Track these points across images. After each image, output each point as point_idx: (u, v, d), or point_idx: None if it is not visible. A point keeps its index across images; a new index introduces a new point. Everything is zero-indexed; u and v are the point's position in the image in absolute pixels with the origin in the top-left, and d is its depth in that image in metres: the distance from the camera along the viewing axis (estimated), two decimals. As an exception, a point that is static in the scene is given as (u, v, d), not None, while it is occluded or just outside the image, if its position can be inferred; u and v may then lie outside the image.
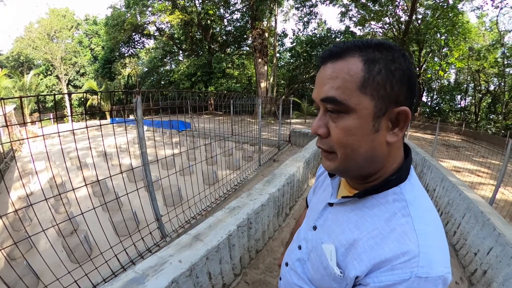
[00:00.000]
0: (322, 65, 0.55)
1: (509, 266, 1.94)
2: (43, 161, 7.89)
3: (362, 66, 0.49)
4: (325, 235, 0.67)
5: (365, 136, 0.51)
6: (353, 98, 0.50)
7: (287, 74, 27.04)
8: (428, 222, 0.53)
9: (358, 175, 0.60)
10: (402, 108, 0.51)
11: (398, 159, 0.59)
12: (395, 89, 0.50)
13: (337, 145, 0.54)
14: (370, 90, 0.49)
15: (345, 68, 0.50)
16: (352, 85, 0.50)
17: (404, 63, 0.51)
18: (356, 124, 0.51)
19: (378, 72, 0.49)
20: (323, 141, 0.57)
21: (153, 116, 6.42)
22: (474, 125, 21.71)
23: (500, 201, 4.98)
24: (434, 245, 0.50)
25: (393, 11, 20.26)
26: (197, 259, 1.71)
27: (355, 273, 0.55)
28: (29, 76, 22.57)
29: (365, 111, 0.50)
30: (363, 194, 0.60)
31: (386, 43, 0.52)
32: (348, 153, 0.53)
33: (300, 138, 9.29)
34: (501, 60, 19.60)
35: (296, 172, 3.81)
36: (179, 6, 19.71)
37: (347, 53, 0.51)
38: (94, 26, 30.06)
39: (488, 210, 2.61)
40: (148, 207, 3.11)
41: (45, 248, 3.48)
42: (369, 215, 0.58)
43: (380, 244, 0.53)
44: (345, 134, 0.52)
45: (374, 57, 0.50)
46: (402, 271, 0.48)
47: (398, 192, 0.57)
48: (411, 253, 0.49)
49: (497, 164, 7.94)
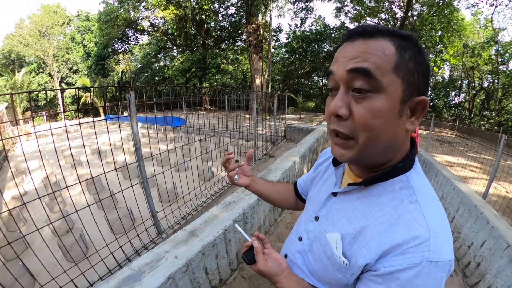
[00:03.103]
0: (349, 41, 0.53)
1: (502, 259, 1.96)
2: (36, 160, 7.80)
3: (395, 50, 0.49)
4: (329, 225, 0.66)
5: (392, 120, 0.50)
6: (387, 77, 0.48)
7: (282, 69, 26.94)
8: (435, 210, 0.53)
9: (372, 164, 0.59)
10: (422, 98, 0.51)
11: (406, 148, 0.59)
12: (420, 78, 0.51)
13: (361, 128, 0.50)
14: (402, 74, 0.49)
15: (379, 47, 0.49)
16: (387, 64, 0.48)
17: (426, 58, 0.52)
18: (385, 105, 0.49)
19: (409, 59, 0.49)
20: (342, 123, 0.52)
21: (147, 113, 6.38)
22: (468, 121, 21.99)
23: (493, 195, 5.06)
24: (442, 231, 0.51)
25: (389, 7, 20.27)
26: (193, 255, 1.70)
27: (365, 260, 0.54)
28: (20, 74, 22.23)
29: (395, 93, 0.49)
30: (370, 182, 0.59)
31: (414, 36, 0.52)
32: (373, 137, 0.51)
33: (295, 133, 9.30)
34: (495, 58, 19.86)
35: (292, 167, 3.82)
36: (173, 1, 19.45)
37: (380, 35, 0.50)
38: (87, 22, 29.66)
39: (482, 204, 2.64)
40: (143, 204, 3.09)
41: (40, 248, 3.44)
42: (376, 203, 0.58)
43: (389, 230, 0.53)
44: (373, 116, 0.49)
45: (405, 45, 0.50)
46: (413, 255, 0.48)
47: (404, 180, 0.57)
48: (422, 237, 0.49)
49: (490, 159, 8.05)
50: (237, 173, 0.93)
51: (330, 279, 0.64)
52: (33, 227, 3.64)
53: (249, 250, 0.76)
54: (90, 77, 26.66)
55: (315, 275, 0.70)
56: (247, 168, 0.96)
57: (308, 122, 15.28)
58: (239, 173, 0.93)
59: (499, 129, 15.74)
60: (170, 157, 6.56)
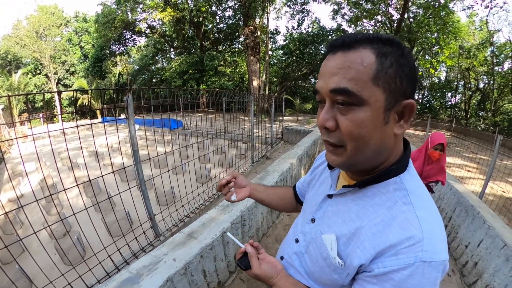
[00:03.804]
0: (331, 54, 0.54)
1: (498, 258, 1.98)
2: (33, 162, 7.74)
3: (375, 58, 0.49)
4: (325, 227, 0.67)
5: (376, 128, 0.52)
6: (366, 90, 0.49)
7: (280, 71, 26.99)
8: (429, 211, 0.54)
9: (364, 169, 0.60)
10: (409, 101, 0.52)
11: (399, 151, 0.60)
12: (404, 83, 0.51)
13: (348, 138, 0.53)
14: (383, 82, 0.49)
15: (358, 59, 0.50)
16: (365, 77, 0.49)
17: (410, 59, 0.52)
18: (368, 116, 0.50)
19: (390, 66, 0.50)
20: (331, 134, 0.55)
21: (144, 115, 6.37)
22: (464, 121, 22.10)
23: (490, 195, 5.09)
24: (435, 232, 0.51)
25: (385, 10, 20.40)
26: (192, 257, 1.70)
27: (359, 261, 0.55)
28: (17, 75, 22.05)
29: (377, 103, 0.50)
30: (364, 184, 0.60)
31: (395, 39, 0.52)
32: (359, 146, 0.53)
33: (293, 135, 9.30)
34: (490, 59, 20.08)
35: (289, 169, 3.82)
36: (171, 3, 19.45)
37: (360, 44, 0.51)
38: (84, 23, 29.51)
39: (478, 204, 2.66)
40: (141, 207, 3.08)
41: (37, 251, 3.41)
42: (370, 204, 0.59)
43: (383, 231, 0.54)
44: (357, 126, 0.51)
45: (386, 51, 0.50)
46: (406, 256, 0.49)
47: (398, 181, 0.58)
48: (415, 238, 0.49)
49: (486, 159, 8.09)
50: (232, 193, 0.92)
51: (326, 280, 0.65)
52: (30, 230, 3.61)
53: (244, 256, 0.77)
54: (87, 79, 26.50)
55: (312, 277, 0.70)
56: (240, 180, 0.96)
57: (305, 124, 15.30)
58: (232, 192, 0.93)
59: (495, 129, 15.85)
60: (168, 160, 6.54)
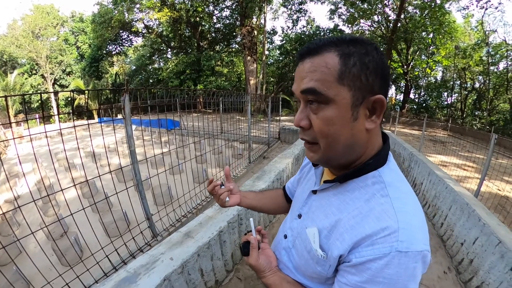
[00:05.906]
0: (301, 61, 0.58)
1: (494, 255, 2.00)
2: (29, 162, 7.70)
3: (338, 60, 0.53)
4: (309, 221, 0.69)
5: (345, 125, 0.54)
6: (332, 89, 0.52)
7: (277, 71, 27.06)
8: (406, 203, 0.56)
9: (340, 164, 0.63)
10: (377, 97, 0.54)
11: (376, 145, 0.62)
12: (370, 79, 0.53)
13: (319, 135, 0.57)
14: (347, 81, 0.52)
15: (323, 62, 0.53)
16: (330, 77, 0.52)
17: (376, 56, 0.54)
18: (336, 114, 0.54)
19: (353, 65, 0.52)
20: (306, 132, 0.61)
21: (141, 115, 6.35)
22: (460, 121, 22.30)
23: (485, 193, 5.13)
24: (412, 223, 0.52)
25: (382, 10, 20.48)
26: (189, 256, 1.71)
27: (338, 252, 0.57)
28: (13, 76, 21.92)
29: (343, 101, 0.53)
30: (344, 178, 0.63)
31: (359, 38, 0.55)
32: (330, 142, 0.56)
33: (290, 135, 9.33)
34: (485, 59, 20.26)
35: (286, 168, 3.84)
36: (167, 3, 19.43)
37: (324, 49, 0.54)
38: (81, 23, 29.36)
39: (473, 201, 2.68)
40: (138, 207, 3.08)
41: (34, 252, 3.41)
42: (350, 198, 0.61)
43: (360, 222, 0.55)
44: (326, 124, 0.55)
45: (349, 51, 0.53)
46: (382, 246, 0.50)
47: (377, 175, 0.60)
48: (390, 228, 0.51)
49: (482, 158, 8.16)
50: (227, 195, 0.93)
51: (312, 273, 0.67)
52: (27, 231, 3.60)
53: (247, 243, 0.82)
54: (84, 79, 26.34)
55: (299, 271, 0.73)
56: (232, 186, 0.98)
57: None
58: (226, 195, 0.93)
59: (491, 128, 15.99)
60: (165, 160, 6.53)
